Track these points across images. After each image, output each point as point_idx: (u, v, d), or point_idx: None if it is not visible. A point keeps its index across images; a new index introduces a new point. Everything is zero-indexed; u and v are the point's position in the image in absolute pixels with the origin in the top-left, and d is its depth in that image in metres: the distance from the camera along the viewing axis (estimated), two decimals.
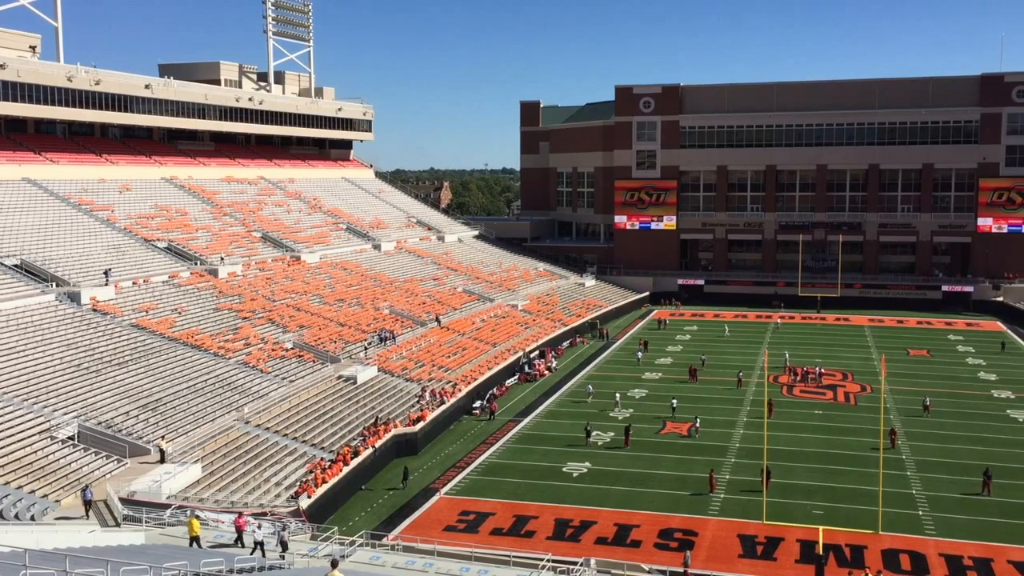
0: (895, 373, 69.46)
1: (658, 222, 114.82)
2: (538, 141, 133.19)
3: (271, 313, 66.79)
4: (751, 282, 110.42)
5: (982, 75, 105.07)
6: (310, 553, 32.29)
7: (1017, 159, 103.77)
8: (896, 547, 38.47)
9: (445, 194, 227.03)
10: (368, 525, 40.92)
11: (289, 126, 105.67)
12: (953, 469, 48.45)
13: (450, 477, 48.54)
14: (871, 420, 55.47)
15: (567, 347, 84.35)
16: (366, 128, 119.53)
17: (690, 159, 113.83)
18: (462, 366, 67.74)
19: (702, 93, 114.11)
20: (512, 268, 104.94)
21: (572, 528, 41.05)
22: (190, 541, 32.04)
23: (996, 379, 69.60)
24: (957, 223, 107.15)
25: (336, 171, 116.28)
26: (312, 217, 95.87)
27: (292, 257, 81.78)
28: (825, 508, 42.98)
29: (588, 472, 48.93)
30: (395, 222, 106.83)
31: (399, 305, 78.50)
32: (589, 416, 59.08)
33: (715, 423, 57.40)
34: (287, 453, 47.04)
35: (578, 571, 31.53)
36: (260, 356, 58.18)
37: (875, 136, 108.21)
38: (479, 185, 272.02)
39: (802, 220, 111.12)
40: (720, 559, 37.65)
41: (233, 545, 32.19)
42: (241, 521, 32.77)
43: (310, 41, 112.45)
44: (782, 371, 71.52)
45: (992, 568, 36.45)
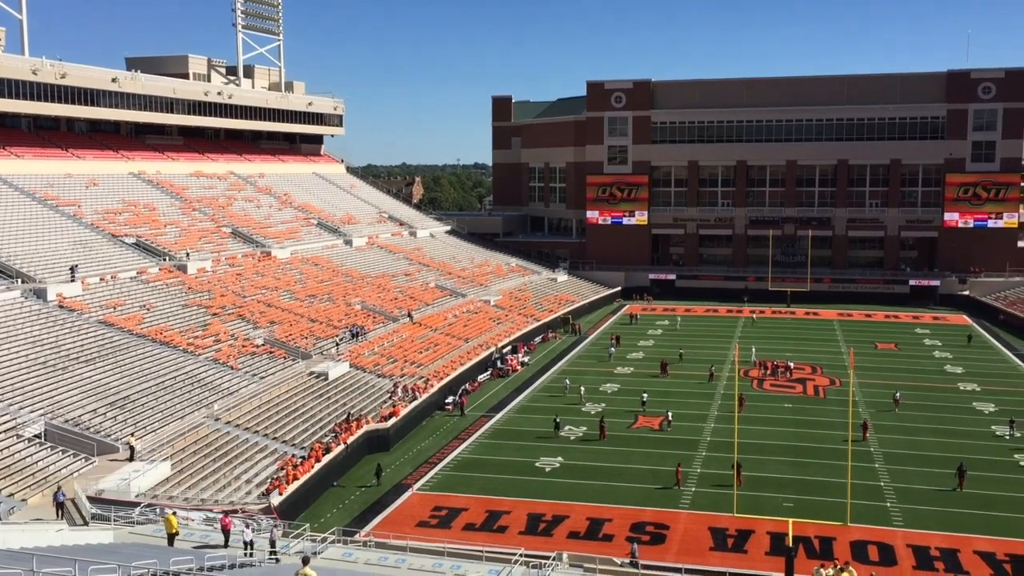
0: (863, 366, 70.21)
1: (630, 217, 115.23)
2: (510, 136, 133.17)
3: (241, 309, 66.29)
4: (722, 277, 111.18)
5: (949, 72, 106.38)
6: (281, 550, 32.07)
7: (983, 155, 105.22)
8: (864, 538, 38.93)
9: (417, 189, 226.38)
10: (340, 522, 40.76)
11: (259, 120, 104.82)
12: (920, 461, 49.09)
13: (423, 473, 48.47)
14: (840, 413, 56.05)
15: (539, 342, 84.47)
16: (337, 123, 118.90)
17: (661, 154, 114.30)
18: (434, 361, 67.63)
19: (673, 89, 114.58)
20: (484, 263, 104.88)
21: (545, 523, 41.14)
22: (168, 538, 31.75)
23: (962, 372, 70.58)
24: (924, 218, 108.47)
25: (307, 166, 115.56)
26: (282, 212, 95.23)
27: (262, 253, 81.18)
28: (795, 500, 43.39)
29: (561, 467, 49.04)
30: (366, 217, 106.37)
31: (371, 301, 78.20)
32: (561, 411, 59.23)
33: (686, 417, 57.73)
34: (258, 450, 46.74)
35: (550, 565, 31.56)
36: (230, 353, 57.73)
37: (843, 132, 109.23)
38: (451, 180, 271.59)
39: (772, 215, 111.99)
40: (692, 552, 37.90)
41: (221, 546, 31.83)
42: (227, 521, 32.40)
43: (280, 35, 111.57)
44: (752, 365, 72.09)
45: (958, 559, 36.97)
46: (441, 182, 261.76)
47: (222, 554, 30.82)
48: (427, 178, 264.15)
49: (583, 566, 32.36)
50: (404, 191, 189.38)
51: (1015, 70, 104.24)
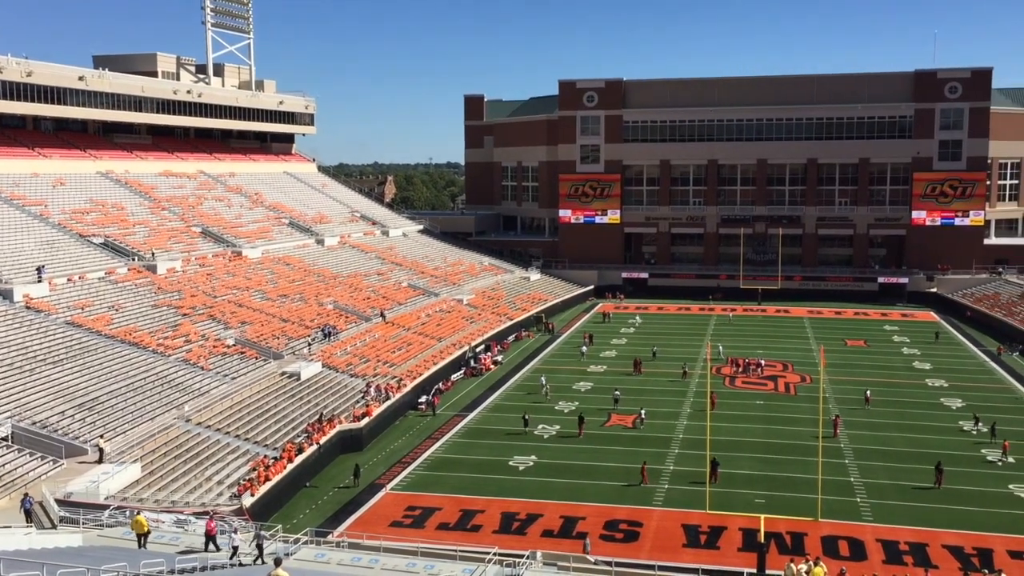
0: (833, 363, 70.88)
1: (602, 216, 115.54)
2: (482, 135, 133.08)
3: (212, 309, 65.73)
4: (694, 275, 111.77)
5: (916, 71, 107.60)
6: (252, 551, 31.82)
7: (950, 153, 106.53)
8: (835, 534, 39.30)
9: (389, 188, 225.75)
10: (313, 522, 40.56)
11: (229, 119, 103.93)
12: (889, 456, 49.64)
13: (396, 473, 48.34)
14: (811, 410, 56.55)
15: (512, 341, 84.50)
16: (308, 122, 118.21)
17: (633, 153, 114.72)
18: (407, 361, 67.44)
19: (644, 88, 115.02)
20: (457, 262, 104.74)
21: (518, 521, 41.16)
22: (138, 539, 31.43)
23: (930, 368, 71.45)
24: (892, 216, 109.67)
25: (278, 165, 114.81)
26: (253, 212, 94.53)
27: (233, 252, 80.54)
28: (766, 497, 43.72)
29: (534, 465, 49.09)
30: (338, 217, 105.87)
31: (343, 300, 77.84)
32: (535, 409, 59.32)
33: (659, 415, 58.00)
34: (229, 451, 46.37)
35: (524, 564, 31.59)
36: (201, 353, 57.23)
37: (813, 131, 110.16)
38: (423, 179, 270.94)
39: (743, 214, 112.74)
40: (665, 549, 38.07)
41: (204, 550, 31.49)
42: (211, 525, 32.07)
43: (250, 33, 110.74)
44: (724, 363, 72.57)
45: (927, 553, 37.42)
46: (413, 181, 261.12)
47: (193, 556, 30.58)
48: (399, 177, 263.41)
49: (557, 564, 32.41)
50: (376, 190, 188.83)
51: (981, 70, 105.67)
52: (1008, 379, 68.19)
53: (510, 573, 30.80)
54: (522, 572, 30.85)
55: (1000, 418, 55.52)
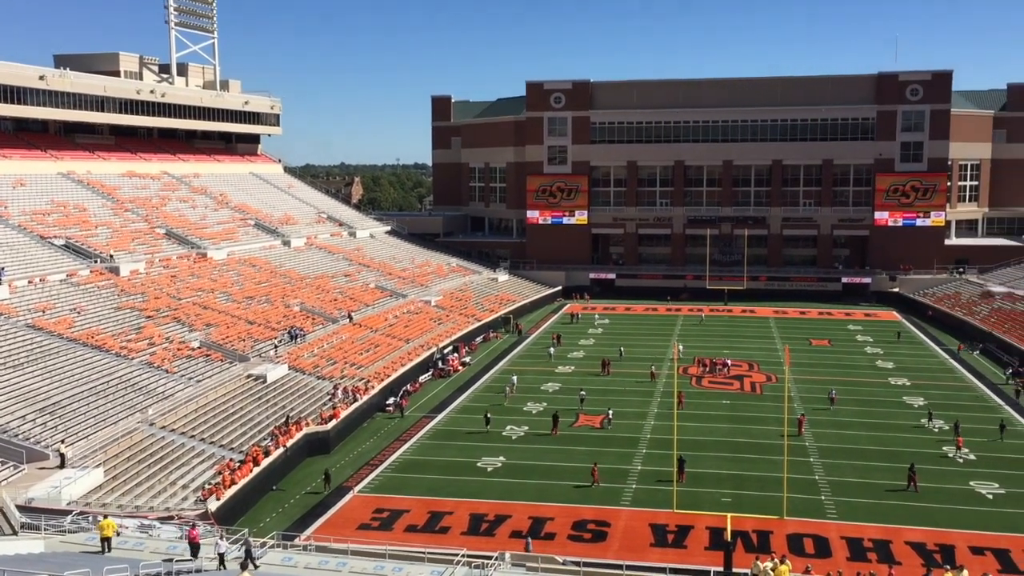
0: (798, 363, 71.61)
1: (570, 217, 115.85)
2: (450, 136, 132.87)
3: (176, 312, 65.02)
4: (661, 275, 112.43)
5: (878, 74, 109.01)
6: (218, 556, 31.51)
7: (911, 155, 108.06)
8: (800, 531, 39.69)
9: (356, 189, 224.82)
10: (280, 526, 40.25)
11: (193, 119, 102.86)
12: (853, 454, 50.23)
13: (363, 475, 48.10)
14: (776, 409, 57.06)
15: (481, 342, 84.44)
16: (274, 122, 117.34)
17: (601, 154, 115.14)
18: (375, 363, 67.15)
19: (612, 89, 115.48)
20: (425, 264, 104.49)
21: (487, 523, 41.13)
22: (101, 544, 31.01)
23: (893, 367, 72.40)
24: (855, 217, 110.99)
25: (243, 166, 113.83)
26: (219, 213, 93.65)
27: (198, 254, 79.73)
28: (733, 496, 44.05)
29: (502, 466, 49.10)
30: (305, 218, 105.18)
31: (310, 302, 77.33)
32: (502, 410, 59.38)
33: (627, 415, 58.25)
34: (194, 455, 45.89)
35: (493, 565, 31.58)
36: (165, 356, 56.57)
37: (778, 132, 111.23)
38: (391, 180, 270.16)
39: (709, 214, 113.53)
40: (632, 549, 38.22)
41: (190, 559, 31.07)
42: (195, 533, 31.65)
43: (214, 32, 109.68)
44: (691, 363, 73.06)
45: (891, 549, 37.90)
46: (381, 182, 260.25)
47: (156, 561, 30.23)
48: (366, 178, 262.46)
49: (525, 565, 32.44)
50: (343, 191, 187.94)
51: (941, 72, 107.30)
52: (968, 377, 69.30)
53: (479, 574, 30.78)
54: (491, 573, 30.83)
55: (961, 415, 56.44)
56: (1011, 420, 56.12)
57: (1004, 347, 76.73)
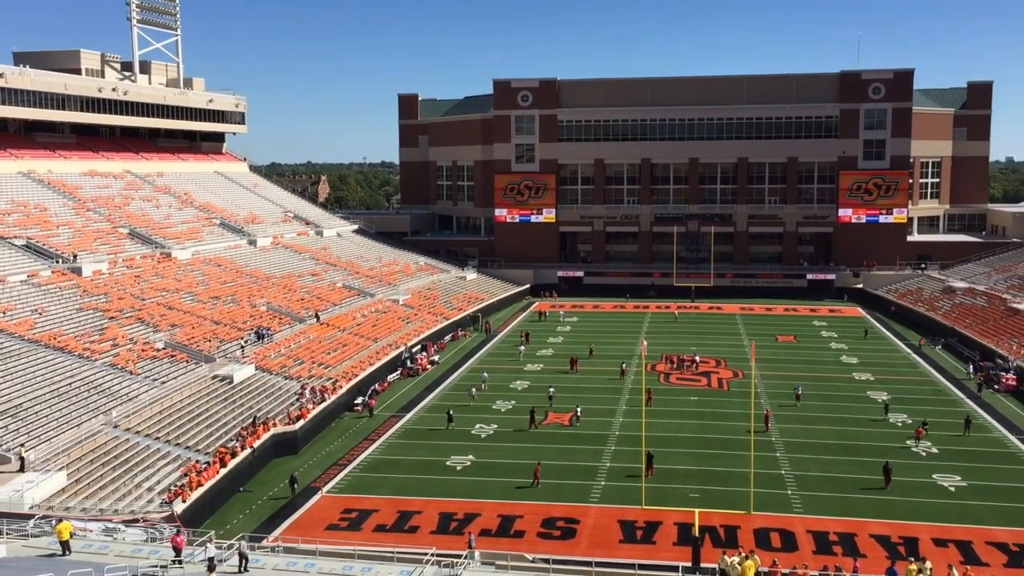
0: (765, 359, 72.25)
1: (538, 215, 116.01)
2: (417, 134, 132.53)
3: (140, 312, 64.24)
4: (629, 273, 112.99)
5: (841, 72, 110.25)
6: (185, 559, 31.25)
7: (874, 153, 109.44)
8: (767, 526, 40.06)
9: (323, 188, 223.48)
10: (247, 527, 39.90)
11: (156, 118, 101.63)
12: (818, 449, 50.78)
13: (332, 475, 47.83)
14: (743, 405, 57.55)
15: (449, 341, 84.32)
16: (239, 120, 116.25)
17: (568, 152, 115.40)
18: (343, 362, 66.82)
19: (578, 87, 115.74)
20: (393, 262, 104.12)
21: (456, 521, 41.07)
22: (61, 547, 30.59)
23: (857, 362, 73.28)
24: (820, 214, 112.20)
25: (208, 164, 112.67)
26: (183, 212, 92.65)
27: (162, 254, 78.83)
28: (701, 491, 44.34)
29: (472, 465, 49.06)
30: (271, 217, 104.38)
31: (276, 302, 76.77)
32: (471, 408, 59.36)
33: (596, 412, 58.43)
34: (160, 457, 45.38)
35: (462, 564, 31.58)
36: (129, 357, 55.87)
37: (743, 130, 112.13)
38: (358, 179, 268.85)
39: (676, 212, 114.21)
40: (601, 545, 38.36)
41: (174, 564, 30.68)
42: (179, 540, 31.25)
43: (177, 30, 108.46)
44: (659, 359, 73.46)
45: (855, 542, 38.36)
46: (347, 181, 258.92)
47: (123, 565, 29.90)
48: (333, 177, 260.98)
49: (495, 563, 32.47)
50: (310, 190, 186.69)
51: (903, 71, 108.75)
52: (930, 371, 70.34)
53: (448, 573, 30.77)
54: (460, 572, 30.85)
55: (923, 410, 57.33)
56: (973, 414, 57.01)
57: (965, 342, 77.99)
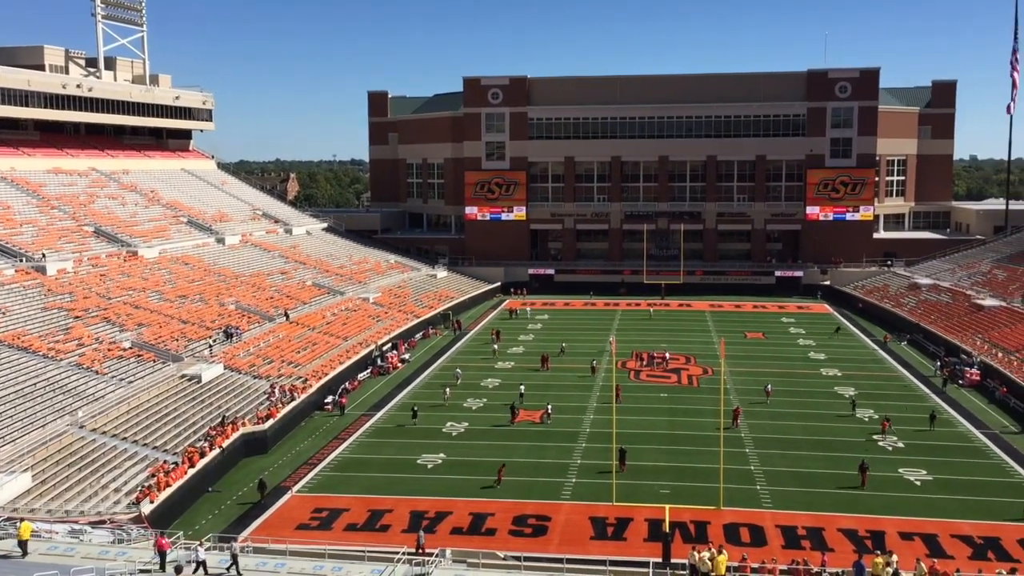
0: (734, 355, 72.79)
1: (508, 213, 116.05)
2: (387, 132, 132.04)
3: (106, 311, 63.47)
4: (599, 271, 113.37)
5: (808, 71, 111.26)
6: (153, 561, 30.96)
7: (840, 151, 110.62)
8: (737, 521, 40.36)
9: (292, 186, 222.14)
10: (216, 528, 39.60)
11: (122, 115, 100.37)
12: (786, 444, 51.26)
13: (302, 475, 47.55)
14: (713, 401, 57.92)
15: (420, 339, 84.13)
16: (206, 117, 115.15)
17: (538, 150, 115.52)
18: (312, 361, 66.44)
19: (549, 85, 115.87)
20: (363, 260, 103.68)
21: (428, 519, 40.96)
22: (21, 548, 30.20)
23: (824, 358, 74.05)
24: (788, 212, 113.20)
25: (175, 162, 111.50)
26: (150, 210, 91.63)
27: (128, 252, 77.93)
28: (671, 487, 44.58)
29: (443, 463, 48.98)
30: (239, 215, 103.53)
31: (245, 300, 76.16)
32: (444, 406, 59.31)
33: (567, 409, 58.56)
34: (127, 457, 44.85)
35: (434, 562, 31.54)
36: (95, 357, 55.17)
37: (712, 129, 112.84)
38: (327, 176, 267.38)
39: (646, 210, 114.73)
40: (573, 542, 38.45)
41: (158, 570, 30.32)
42: (164, 543, 30.87)
43: (143, 26, 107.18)
44: (629, 357, 73.77)
45: (823, 536, 38.76)
46: (317, 178, 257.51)
47: (90, 567, 29.55)
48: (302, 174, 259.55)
49: (466, 561, 32.46)
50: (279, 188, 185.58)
51: (869, 70, 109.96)
52: (896, 367, 71.24)
53: (419, 572, 30.73)
54: (431, 570, 30.80)
55: (889, 405, 58.05)
56: (938, 409, 57.81)
57: (930, 337, 79.06)
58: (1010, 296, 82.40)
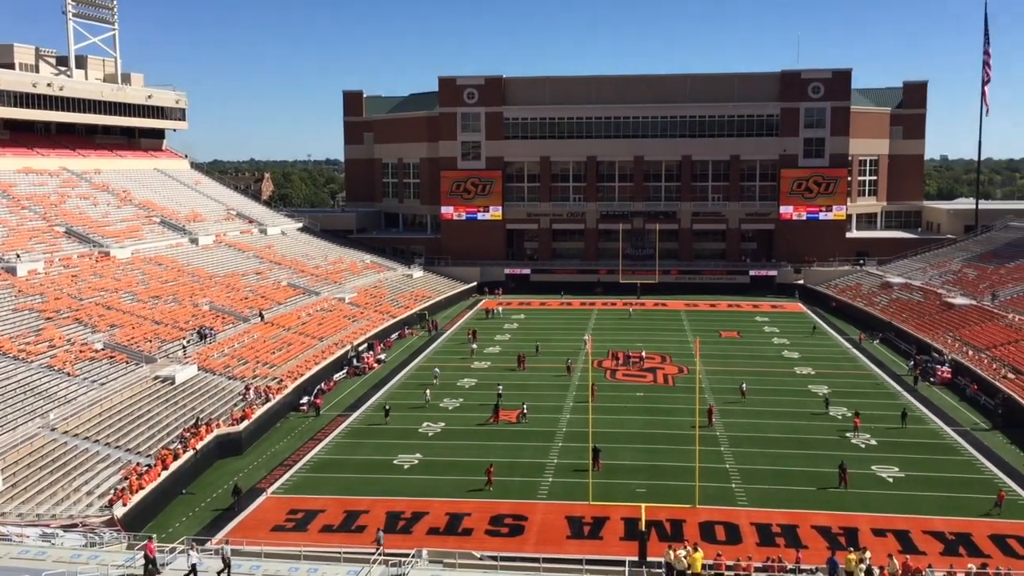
0: (709, 354, 73.18)
1: (484, 212, 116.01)
2: (362, 131, 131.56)
3: (78, 313, 62.81)
4: (575, 270, 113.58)
5: (781, 72, 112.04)
6: (126, 564, 30.67)
7: (813, 151, 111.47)
8: (712, 519, 40.58)
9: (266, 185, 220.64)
10: (190, 530, 39.33)
11: (93, 114, 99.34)
12: (762, 443, 51.60)
13: (277, 476, 47.29)
14: (688, 400, 58.21)
15: (396, 339, 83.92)
16: (179, 117, 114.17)
17: (514, 150, 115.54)
18: (288, 362, 66.08)
19: (524, 85, 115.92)
20: (338, 260, 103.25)
21: (404, 520, 40.90)
22: None
23: (798, 357, 74.61)
24: (762, 211, 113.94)
25: (148, 162, 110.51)
26: (122, 210, 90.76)
27: (100, 253, 77.15)
28: (647, 486, 44.76)
29: (419, 463, 48.89)
30: (213, 215, 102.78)
31: (219, 301, 75.63)
32: (421, 406, 59.23)
33: (543, 409, 58.63)
34: (99, 460, 44.42)
35: (410, 563, 31.47)
36: (67, 358, 54.58)
37: (687, 128, 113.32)
38: (302, 176, 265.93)
39: (621, 209, 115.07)
40: (549, 541, 38.50)
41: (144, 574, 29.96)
42: (151, 547, 30.51)
43: (115, 24, 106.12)
44: (606, 356, 73.97)
45: (798, 534, 39.07)
46: (292, 178, 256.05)
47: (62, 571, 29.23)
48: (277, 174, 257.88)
49: (443, 561, 32.42)
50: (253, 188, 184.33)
51: (841, 71, 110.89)
52: (869, 365, 71.92)
53: (396, 573, 30.64)
54: (408, 571, 30.73)
55: (862, 403, 58.57)
56: (909, 406, 58.43)
57: (902, 336, 79.87)
58: (980, 295, 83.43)
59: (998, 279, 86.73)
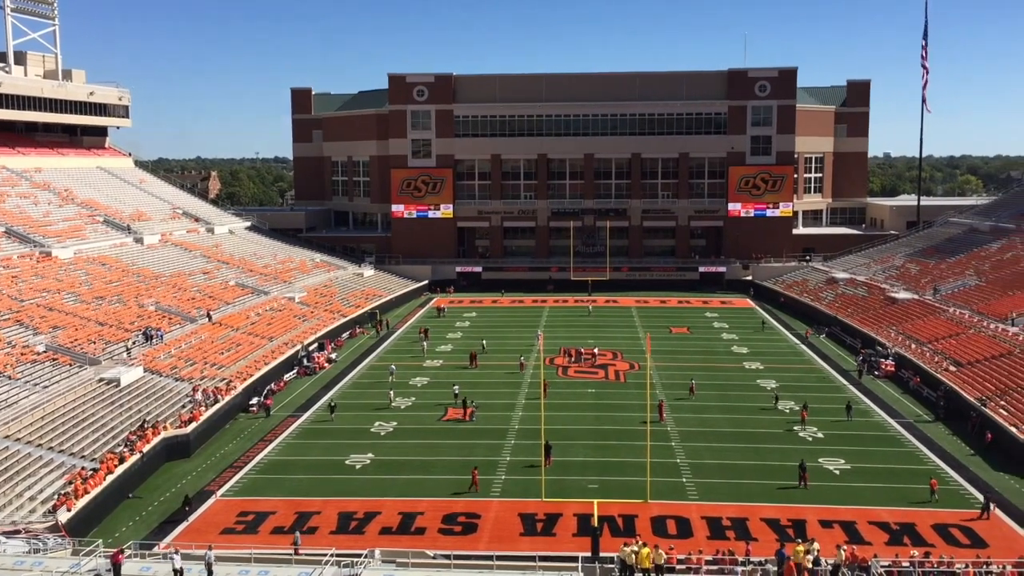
0: (660, 350, 73.82)
1: (435, 210, 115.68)
2: (311, 129, 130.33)
3: (18, 314, 61.32)
4: (526, 268, 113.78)
5: (729, 71, 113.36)
6: (71, 570, 30.05)
7: (760, 148, 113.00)
8: (663, 514, 40.95)
9: (213, 184, 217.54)
10: (137, 535, 38.65)
11: (33, 111, 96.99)
12: (711, 437, 52.20)
13: (227, 478, 46.67)
14: (639, 396, 58.67)
15: (347, 338, 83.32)
16: (123, 114, 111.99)
17: (464, 148, 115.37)
18: (237, 362, 65.24)
19: (474, 83, 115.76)
20: (288, 260, 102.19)
21: (356, 520, 40.64)
22: None
23: (747, 352, 75.61)
24: (711, 208, 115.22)
25: (90, 160, 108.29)
26: (64, 210, 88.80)
27: (42, 253, 75.41)
28: (599, 482, 45.02)
29: (371, 463, 48.62)
30: (159, 214, 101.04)
31: (166, 301, 74.39)
32: (373, 406, 58.88)
33: (495, 407, 58.65)
34: (42, 465, 43.42)
35: (363, 563, 31.28)
36: (7, 361, 53.25)
37: (636, 126, 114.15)
38: (250, 175, 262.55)
39: (572, 207, 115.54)
40: (503, 539, 38.55)
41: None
42: (119, 557, 29.76)
43: (55, 19, 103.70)
44: (557, 353, 74.23)
45: (747, 526, 39.59)
46: (239, 176, 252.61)
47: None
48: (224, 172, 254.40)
49: (395, 561, 32.29)
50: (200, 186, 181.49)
51: (787, 70, 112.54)
52: (816, 359, 73.15)
53: (348, 573, 30.45)
54: (360, 571, 30.55)
55: (809, 396, 59.55)
56: (854, 399, 59.54)
57: (847, 330, 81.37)
58: (922, 289, 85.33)
59: (939, 274, 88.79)
